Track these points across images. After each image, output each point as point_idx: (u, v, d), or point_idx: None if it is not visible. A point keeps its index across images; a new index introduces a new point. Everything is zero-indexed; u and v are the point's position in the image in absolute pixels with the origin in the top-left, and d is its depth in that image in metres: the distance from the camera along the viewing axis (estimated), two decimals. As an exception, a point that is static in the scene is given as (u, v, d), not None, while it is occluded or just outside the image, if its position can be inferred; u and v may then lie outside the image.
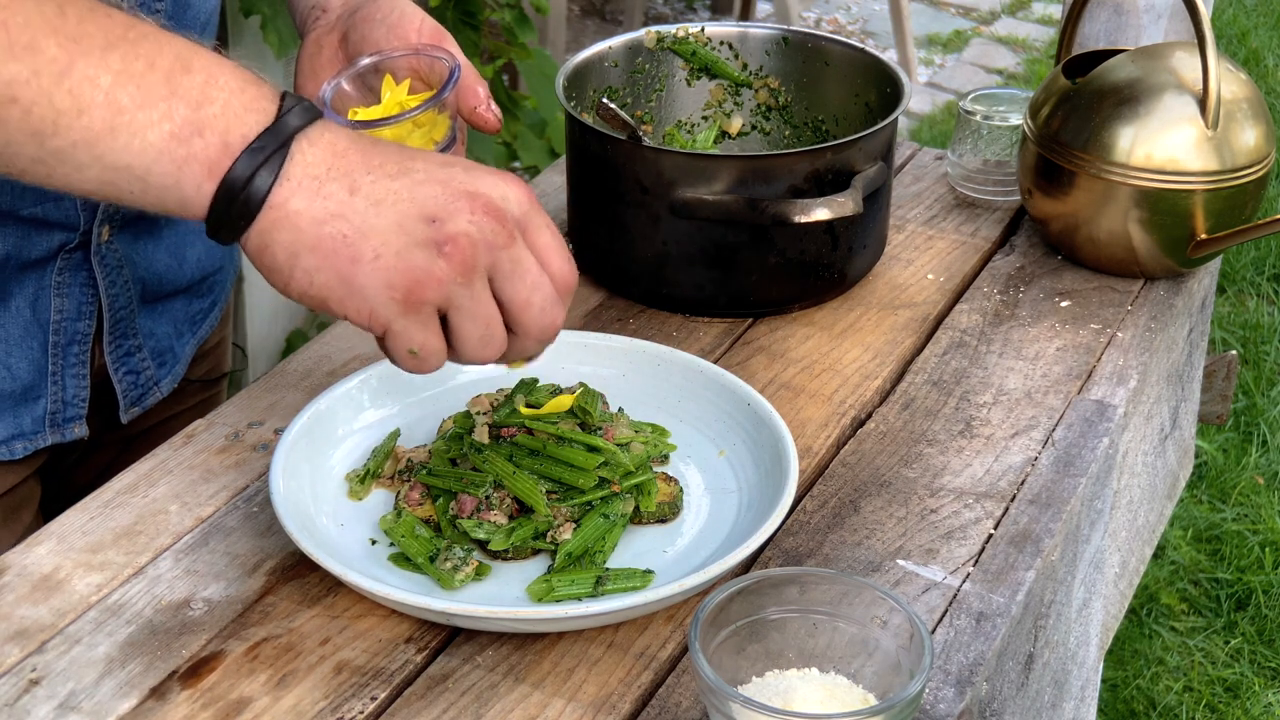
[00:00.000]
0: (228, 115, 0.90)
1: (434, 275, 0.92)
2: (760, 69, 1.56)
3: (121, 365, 1.32)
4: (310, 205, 0.91)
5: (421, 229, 0.92)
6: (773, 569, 1.01)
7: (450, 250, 0.92)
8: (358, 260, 0.91)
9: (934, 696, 0.99)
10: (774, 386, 1.30)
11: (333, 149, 0.93)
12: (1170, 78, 1.41)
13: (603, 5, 5.09)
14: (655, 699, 0.99)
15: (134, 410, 1.35)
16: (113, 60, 0.88)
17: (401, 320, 0.94)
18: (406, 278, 0.92)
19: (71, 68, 0.87)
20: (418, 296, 0.93)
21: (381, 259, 0.91)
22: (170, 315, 1.37)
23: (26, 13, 0.86)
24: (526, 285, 0.96)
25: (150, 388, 1.36)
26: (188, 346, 1.40)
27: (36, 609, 1.05)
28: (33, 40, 0.86)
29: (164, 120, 0.89)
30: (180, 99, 0.89)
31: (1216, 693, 2.54)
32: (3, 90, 0.86)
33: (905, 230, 1.54)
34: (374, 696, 0.99)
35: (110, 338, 1.30)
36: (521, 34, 2.92)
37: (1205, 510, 2.91)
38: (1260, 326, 3.44)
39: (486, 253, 0.93)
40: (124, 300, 1.30)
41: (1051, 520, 1.15)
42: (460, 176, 0.94)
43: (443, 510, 1.11)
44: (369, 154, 0.94)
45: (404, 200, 0.92)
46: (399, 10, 1.22)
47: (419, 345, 0.95)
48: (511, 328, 0.97)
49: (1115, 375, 1.33)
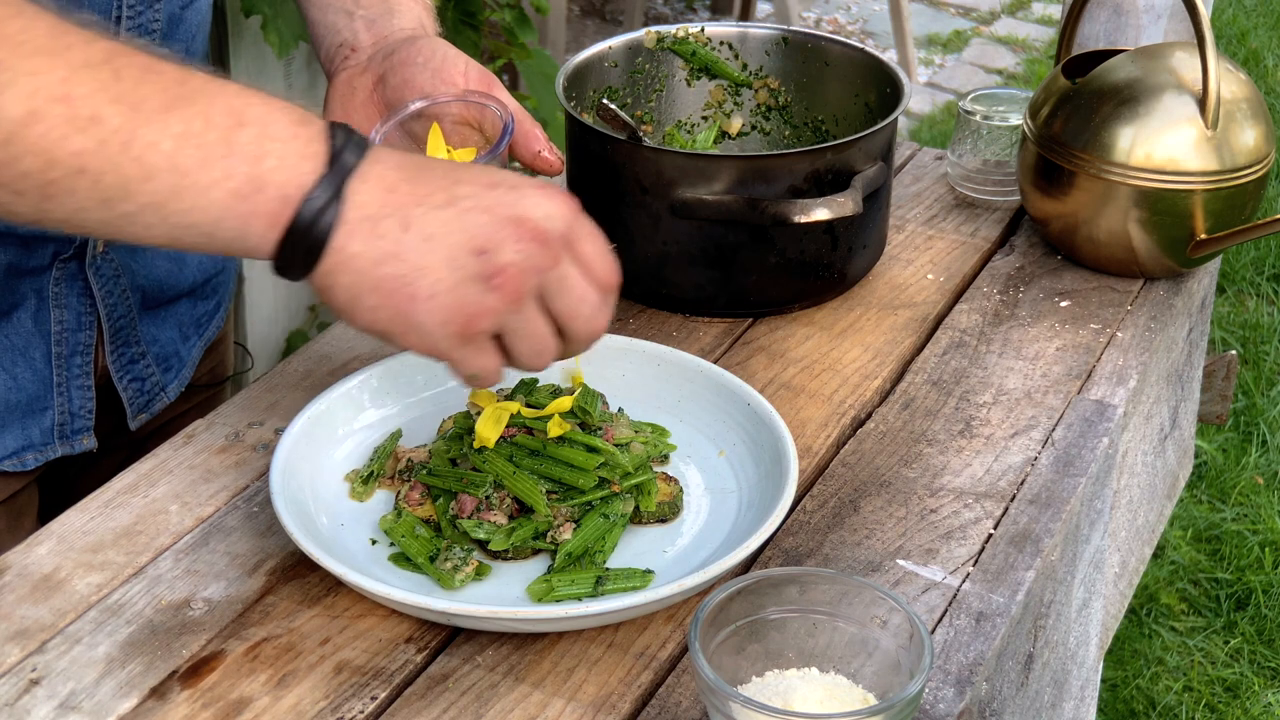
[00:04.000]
0: (285, 168, 0.93)
1: (486, 307, 0.95)
2: (760, 69, 1.56)
3: (126, 373, 1.32)
4: (367, 247, 0.94)
5: (471, 263, 0.95)
6: (773, 569, 1.01)
7: (500, 282, 0.95)
8: (415, 299, 0.95)
9: (934, 696, 0.99)
10: (774, 386, 1.30)
11: (383, 185, 0.95)
12: (1170, 78, 1.41)
13: (603, 5, 5.08)
14: (655, 699, 0.99)
15: (142, 417, 1.35)
16: (173, 123, 0.90)
17: (460, 350, 0.97)
18: (461, 314, 0.95)
19: (135, 136, 0.90)
20: (473, 329, 0.96)
21: (436, 297, 0.95)
22: (175, 319, 1.37)
23: (87, 84, 0.89)
24: (574, 298, 0.99)
25: (157, 393, 1.36)
26: (194, 349, 1.40)
27: (36, 609, 1.05)
28: (96, 112, 0.88)
29: (226, 179, 0.92)
30: (238, 157, 0.92)
31: (1216, 693, 2.54)
32: (71, 162, 0.89)
33: (905, 230, 1.54)
34: (374, 696, 0.99)
35: (112, 346, 1.30)
36: (521, 34, 2.92)
37: (1205, 510, 2.91)
38: (1260, 326, 3.44)
39: (534, 277, 0.96)
40: (123, 309, 1.30)
41: (1051, 520, 1.15)
42: (505, 199, 0.97)
43: (443, 510, 1.11)
44: (416, 185, 0.96)
45: (454, 232, 0.95)
46: (441, 54, 1.22)
47: (479, 369, 0.99)
48: (561, 334, 1.01)
49: (1115, 375, 1.33)
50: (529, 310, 0.97)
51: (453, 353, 0.97)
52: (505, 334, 0.98)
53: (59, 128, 0.88)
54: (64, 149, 0.88)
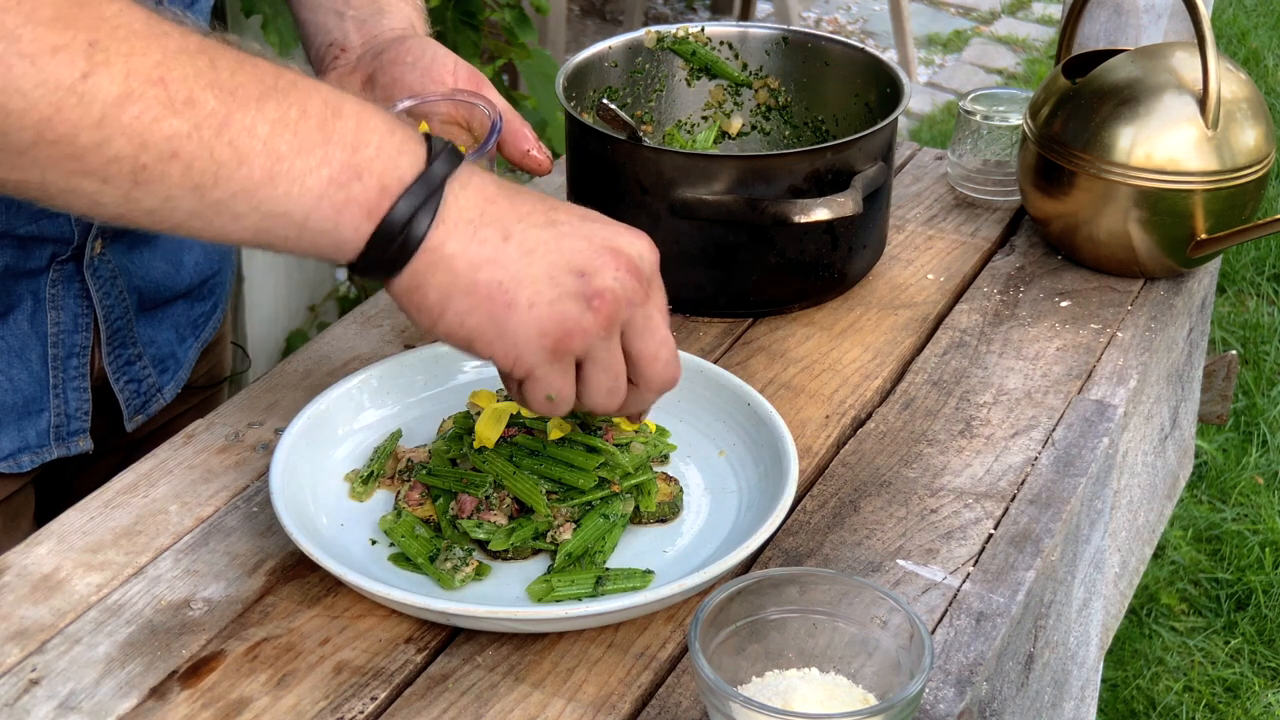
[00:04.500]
0: (383, 158, 0.92)
1: (582, 327, 0.95)
2: (760, 69, 1.56)
3: (122, 375, 1.32)
4: (466, 249, 0.93)
5: (572, 281, 0.95)
6: (772, 569, 1.01)
7: (598, 305, 0.95)
8: (513, 306, 0.94)
9: (934, 696, 0.99)
10: (774, 386, 1.30)
11: (483, 194, 0.95)
12: (1170, 78, 1.41)
13: (603, 5, 5.09)
14: (655, 699, 0.99)
15: (139, 418, 1.35)
16: (269, 110, 0.89)
17: (546, 367, 0.96)
18: (559, 327, 0.95)
19: (230, 120, 0.88)
20: (565, 346, 0.96)
21: (536, 308, 0.94)
22: (171, 321, 1.37)
23: (183, 68, 0.87)
24: (656, 340, 0.99)
25: (153, 395, 1.36)
26: (191, 350, 1.40)
27: (36, 609, 1.05)
28: (191, 95, 0.87)
29: (322, 165, 0.90)
30: (336, 144, 0.90)
31: (1216, 693, 2.54)
32: (164, 146, 0.87)
33: (905, 230, 1.54)
34: (374, 696, 0.99)
35: (109, 348, 1.30)
36: (521, 34, 2.92)
37: (1205, 510, 2.91)
38: (1260, 326, 3.44)
39: (627, 309, 0.97)
40: (120, 310, 1.29)
41: (1051, 520, 1.15)
42: (602, 232, 0.97)
43: (443, 510, 1.11)
44: (516, 201, 0.96)
45: (554, 251, 0.95)
46: (431, 53, 1.22)
47: (556, 391, 0.98)
48: (633, 379, 1.01)
49: (1115, 375, 1.33)
50: (615, 341, 0.97)
51: (539, 368, 0.96)
52: (588, 361, 0.98)
53: (153, 110, 0.86)
54: (157, 132, 0.86)
